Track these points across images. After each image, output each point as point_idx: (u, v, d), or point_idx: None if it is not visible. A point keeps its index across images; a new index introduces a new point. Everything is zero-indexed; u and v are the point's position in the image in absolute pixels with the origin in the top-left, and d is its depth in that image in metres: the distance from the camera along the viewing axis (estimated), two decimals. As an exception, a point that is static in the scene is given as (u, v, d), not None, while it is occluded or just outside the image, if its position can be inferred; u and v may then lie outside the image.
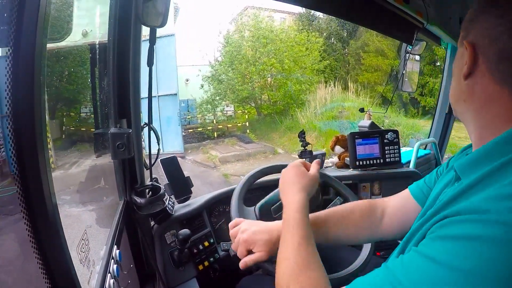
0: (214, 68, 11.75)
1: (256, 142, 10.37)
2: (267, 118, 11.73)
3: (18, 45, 0.37)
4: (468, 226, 0.36)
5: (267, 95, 11.72)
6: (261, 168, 1.02)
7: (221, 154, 8.93)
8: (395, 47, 13.36)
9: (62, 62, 1.16)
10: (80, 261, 0.56)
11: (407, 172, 1.51)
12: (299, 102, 11.47)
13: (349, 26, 15.11)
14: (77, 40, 0.92)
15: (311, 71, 12.12)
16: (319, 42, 12.67)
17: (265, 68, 10.95)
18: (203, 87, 11.73)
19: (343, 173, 1.48)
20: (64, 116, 1.80)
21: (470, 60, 0.47)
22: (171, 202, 1.06)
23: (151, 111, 0.95)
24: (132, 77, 0.87)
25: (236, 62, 11.35)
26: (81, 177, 1.44)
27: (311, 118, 10.34)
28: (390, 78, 13.07)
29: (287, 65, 11.16)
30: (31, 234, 0.40)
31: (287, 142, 9.82)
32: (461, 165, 0.48)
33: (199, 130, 11.50)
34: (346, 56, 15.33)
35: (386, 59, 13.65)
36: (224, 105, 12.23)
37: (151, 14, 0.73)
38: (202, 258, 1.10)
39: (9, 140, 0.38)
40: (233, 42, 11.69)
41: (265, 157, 8.89)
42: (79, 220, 1.01)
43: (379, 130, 1.54)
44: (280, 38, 11.47)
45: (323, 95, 10.97)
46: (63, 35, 0.79)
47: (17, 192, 0.39)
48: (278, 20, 17.25)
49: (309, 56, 12.07)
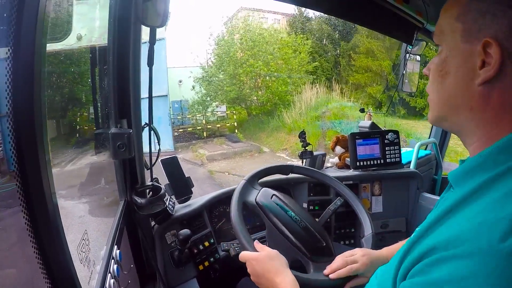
0: (204, 70, 12.25)
1: (243, 142, 10.90)
2: (255, 118, 12.17)
3: (18, 45, 0.37)
4: (444, 267, 0.33)
5: (255, 96, 12.13)
6: (262, 168, 1.01)
7: (208, 152, 9.45)
8: (385, 48, 13.73)
9: (59, 64, 1.17)
10: (80, 261, 0.56)
11: (408, 173, 1.50)
12: (286, 102, 11.83)
13: (341, 28, 15.44)
14: (72, 44, 0.93)
15: (299, 73, 12.45)
16: (308, 44, 13.00)
17: (252, 70, 11.31)
18: (194, 88, 12.21)
19: (343, 173, 1.48)
20: (64, 116, 1.80)
21: (498, 62, 0.38)
22: (171, 202, 1.06)
23: (152, 111, 0.95)
24: (132, 77, 0.87)
25: (225, 64, 11.76)
26: (80, 177, 1.45)
27: (296, 118, 10.65)
28: (383, 79, 13.36)
29: (273, 67, 11.55)
30: (31, 234, 0.40)
31: (273, 141, 10.36)
32: (455, 175, 0.45)
33: (189, 130, 12.02)
34: (337, 57, 15.60)
35: (376, 60, 13.91)
36: (214, 106, 12.67)
37: (151, 14, 0.73)
38: (202, 258, 1.10)
39: (9, 140, 0.38)
40: (222, 44, 12.12)
41: (250, 156, 9.38)
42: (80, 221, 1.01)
43: (380, 131, 1.54)
44: (267, 41, 11.83)
45: (309, 96, 11.29)
46: (63, 35, 0.79)
47: (18, 192, 0.39)
48: (272, 21, 17.83)
49: (297, 58, 12.41)
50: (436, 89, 0.47)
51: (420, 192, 1.47)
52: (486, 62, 0.40)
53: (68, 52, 1.11)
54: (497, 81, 0.39)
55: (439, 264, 0.34)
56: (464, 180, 0.42)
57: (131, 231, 0.95)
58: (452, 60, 0.44)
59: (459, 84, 0.43)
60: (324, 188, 1.38)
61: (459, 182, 0.44)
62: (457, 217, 0.38)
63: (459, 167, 0.45)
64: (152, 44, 0.82)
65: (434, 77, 0.47)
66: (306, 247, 0.85)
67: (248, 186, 0.94)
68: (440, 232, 0.38)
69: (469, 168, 0.42)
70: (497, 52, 0.38)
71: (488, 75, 0.39)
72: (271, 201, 0.91)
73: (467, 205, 0.38)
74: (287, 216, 0.88)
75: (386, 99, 11.68)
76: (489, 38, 0.39)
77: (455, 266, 0.33)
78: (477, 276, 0.31)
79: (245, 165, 8.35)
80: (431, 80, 0.48)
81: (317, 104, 10.76)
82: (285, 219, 0.88)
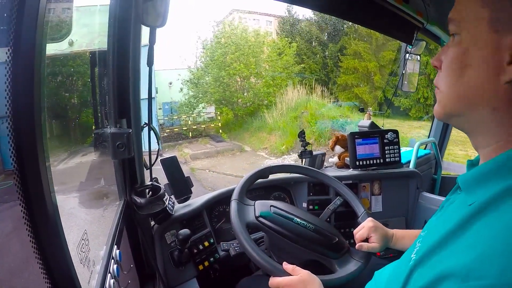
0: (192, 72, 12.77)
1: (227, 141, 11.52)
2: (240, 119, 12.77)
3: (18, 45, 0.37)
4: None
5: (239, 98, 12.69)
6: (244, 181, 0.98)
7: (192, 151, 9.99)
8: (371, 50, 14.33)
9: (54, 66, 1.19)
10: (80, 261, 0.56)
11: (407, 172, 1.51)
12: (268, 104, 12.41)
13: (330, 30, 15.84)
14: (63, 49, 0.95)
15: (283, 75, 13.08)
16: (293, 47, 13.64)
17: (235, 73, 11.90)
18: (182, 90, 12.79)
19: (343, 173, 1.48)
20: (63, 116, 1.80)
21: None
22: (171, 202, 1.06)
23: (151, 111, 0.95)
24: (132, 77, 0.87)
25: (210, 67, 12.39)
26: (80, 177, 1.44)
27: (277, 119, 11.18)
28: (369, 79, 13.82)
29: (254, 70, 12.15)
30: (31, 235, 0.40)
31: (255, 140, 10.99)
32: (466, 179, 0.41)
33: (175, 131, 12.52)
34: (325, 59, 16.03)
35: (363, 62, 14.45)
36: (201, 108, 13.21)
37: (151, 14, 0.73)
38: (202, 258, 1.10)
39: (8, 140, 0.38)
40: (208, 48, 12.74)
41: (232, 154, 9.95)
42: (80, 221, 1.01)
43: (379, 130, 1.54)
44: (249, 45, 12.37)
45: (291, 97, 11.70)
46: (63, 35, 0.79)
47: (17, 192, 0.39)
48: (264, 23, 18.42)
49: (281, 61, 13.07)
50: (451, 83, 0.41)
51: (419, 192, 1.48)
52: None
53: (59, 56, 1.13)
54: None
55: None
56: (478, 185, 0.39)
57: (131, 231, 0.95)
58: (476, 51, 0.38)
59: (482, 79, 0.37)
60: (323, 187, 1.38)
61: (471, 188, 0.40)
62: (475, 232, 0.33)
63: (471, 170, 0.41)
64: (152, 44, 0.82)
65: (450, 69, 0.41)
66: (325, 248, 0.87)
67: (242, 204, 0.90)
68: (456, 250, 0.33)
69: (483, 172, 0.38)
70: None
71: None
72: (271, 213, 0.89)
73: (485, 216, 0.33)
74: (294, 224, 0.88)
75: (372, 99, 12.29)
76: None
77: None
78: None
79: (226, 163, 8.77)
80: (445, 73, 0.42)
81: (297, 105, 11.21)
82: (293, 227, 0.87)
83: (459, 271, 0.30)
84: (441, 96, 0.43)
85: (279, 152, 9.40)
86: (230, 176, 7.48)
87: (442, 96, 0.43)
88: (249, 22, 15.89)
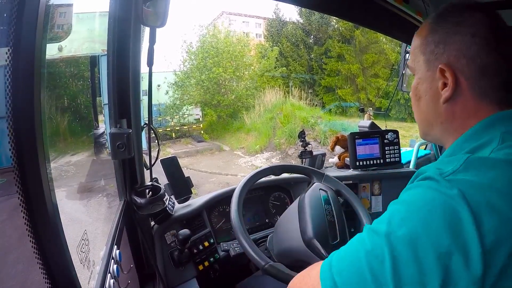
0: (177, 75, 13.14)
1: (207, 141, 12.07)
2: (222, 120, 13.19)
3: (18, 45, 0.37)
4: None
5: (219, 100, 13.03)
6: (262, 168, 1.00)
7: (174, 151, 10.47)
8: (355, 52, 14.54)
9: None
10: (80, 261, 0.56)
11: (407, 172, 1.51)
12: (248, 105, 12.82)
13: (315, 33, 16.01)
14: (53, 54, 0.97)
15: (263, 77, 13.82)
16: (275, 51, 14.16)
17: (215, 76, 12.29)
18: (168, 93, 13.17)
19: (343, 173, 1.48)
20: (62, 116, 1.81)
21: (452, 83, 0.47)
22: (171, 202, 1.06)
23: (151, 111, 0.95)
24: (132, 77, 0.87)
25: (193, 71, 12.88)
26: (80, 177, 1.45)
27: (255, 120, 11.70)
28: (352, 81, 14.38)
29: (233, 73, 12.61)
30: (31, 235, 0.40)
31: (234, 141, 11.52)
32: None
33: (160, 131, 12.84)
34: (310, 61, 16.23)
35: (346, 64, 14.74)
36: (185, 109, 13.65)
37: (150, 14, 0.73)
38: (202, 258, 1.10)
39: (9, 141, 0.38)
40: (192, 52, 13.13)
41: (211, 154, 10.55)
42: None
43: (379, 131, 1.54)
44: (229, 50, 12.73)
45: (269, 99, 12.10)
46: (63, 35, 0.79)
47: (17, 192, 0.39)
48: (253, 25, 19.14)
49: (261, 64, 13.69)
50: (416, 111, 0.56)
51: (419, 192, 1.47)
52: (446, 83, 0.48)
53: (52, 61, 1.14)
54: (457, 96, 0.47)
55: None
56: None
57: (131, 231, 0.95)
58: (421, 86, 0.52)
59: (429, 105, 0.52)
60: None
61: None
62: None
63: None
64: (152, 44, 0.82)
65: (412, 101, 0.56)
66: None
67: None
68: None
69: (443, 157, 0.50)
70: (451, 75, 0.47)
71: (447, 94, 0.48)
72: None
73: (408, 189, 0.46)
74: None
75: (355, 100, 12.75)
76: (443, 64, 0.47)
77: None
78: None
79: (203, 161, 9.36)
80: (412, 103, 0.57)
81: (273, 107, 11.59)
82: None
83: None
84: (416, 120, 0.57)
85: (254, 151, 9.94)
86: (204, 172, 8.11)
87: (416, 120, 0.57)
88: (239, 24, 16.36)
